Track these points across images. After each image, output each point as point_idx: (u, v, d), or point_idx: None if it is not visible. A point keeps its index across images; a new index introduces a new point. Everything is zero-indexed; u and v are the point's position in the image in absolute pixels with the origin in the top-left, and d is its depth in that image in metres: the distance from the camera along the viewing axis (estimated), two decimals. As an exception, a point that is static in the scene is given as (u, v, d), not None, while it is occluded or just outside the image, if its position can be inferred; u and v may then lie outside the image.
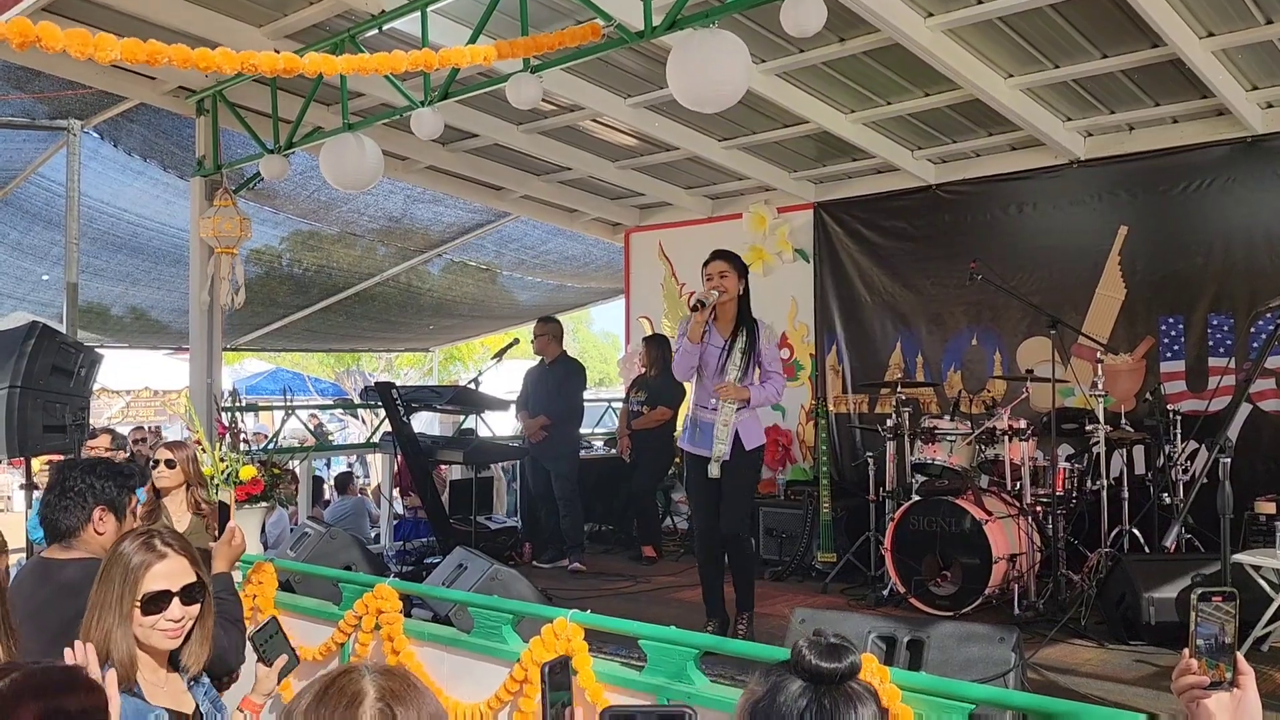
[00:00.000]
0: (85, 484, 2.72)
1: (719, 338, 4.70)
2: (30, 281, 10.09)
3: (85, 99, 7.03)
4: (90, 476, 2.73)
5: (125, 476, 2.78)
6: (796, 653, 1.42)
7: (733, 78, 4.34)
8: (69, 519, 2.71)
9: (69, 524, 2.71)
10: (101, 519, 2.72)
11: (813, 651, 1.41)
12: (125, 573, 2.15)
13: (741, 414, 4.66)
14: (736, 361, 4.63)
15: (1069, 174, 7.11)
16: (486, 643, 3.70)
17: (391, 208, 9.24)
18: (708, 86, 4.35)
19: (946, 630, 3.39)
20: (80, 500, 2.71)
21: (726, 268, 4.68)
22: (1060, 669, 4.31)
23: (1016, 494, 5.67)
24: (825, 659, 1.40)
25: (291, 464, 7.73)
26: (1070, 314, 6.75)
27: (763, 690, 1.42)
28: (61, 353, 6.05)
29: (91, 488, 2.72)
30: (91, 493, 2.72)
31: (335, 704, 1.32)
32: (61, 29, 3.31)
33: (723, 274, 4.66)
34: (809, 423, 8.28)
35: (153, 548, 2.20)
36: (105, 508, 2.73)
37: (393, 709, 1.32)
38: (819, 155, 7.79)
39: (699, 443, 4.72)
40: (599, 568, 6.87)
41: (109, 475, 2.74)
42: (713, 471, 4.62)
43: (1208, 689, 1.59)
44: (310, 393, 19.10)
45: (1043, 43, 5.61)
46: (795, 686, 1.40)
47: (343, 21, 5.56)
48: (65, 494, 2.72)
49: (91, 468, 2.78)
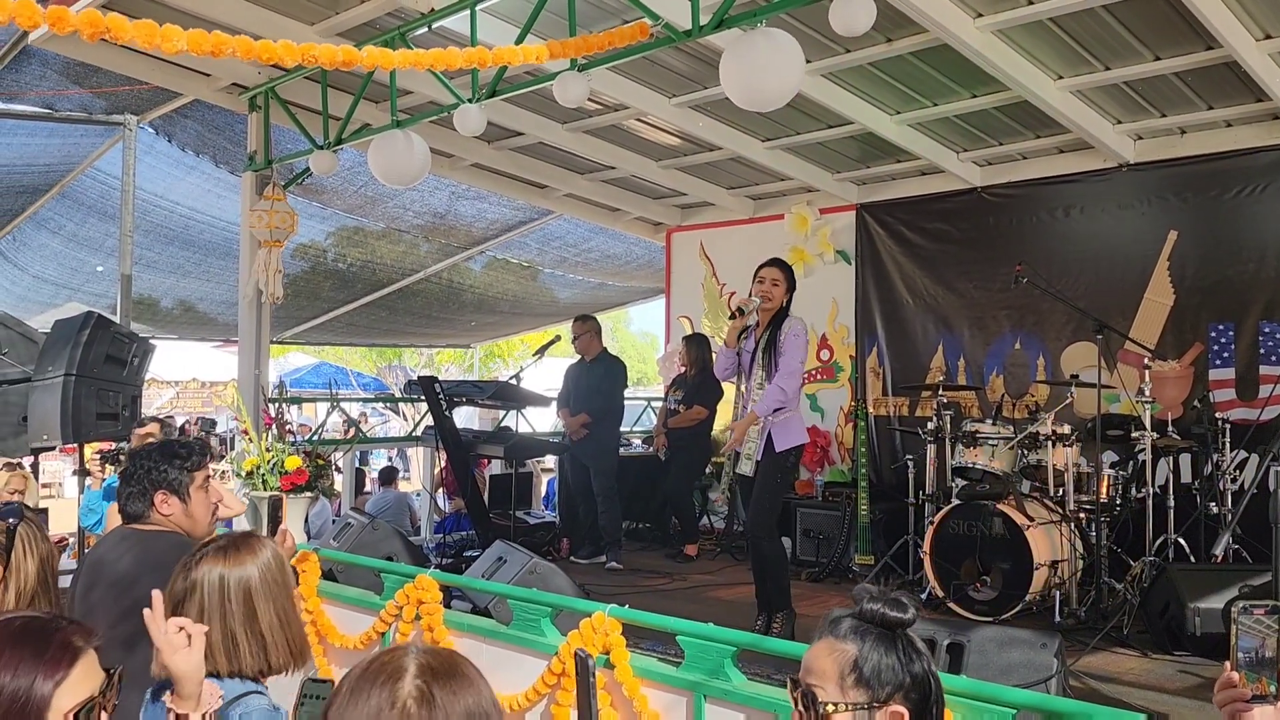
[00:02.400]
0: (144, 470, 2.79)
1: (754, 343, 4.77)
2: (85, 273, 10.32)
3: (141, 95, 7.18)
4: (147, 463, 2.80)
5: (182, 458, 2.84)
6: (861, 603, 1.71)
7: (787, 77, 4.35)
8: (134, 506, 2.80)
9: (135, 510, 2.80)
10: (165, 502, 2.79)
11: (878, 601, 1.70)
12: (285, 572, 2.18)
13: (778, 415, 4.68)
14: (761, 363, 4.68)
15: (1118, 178, 7.01)
16: (525, 635, 3.73)
17: (436, 204, 9.34)
18: (763, 86, 4.37)
19: (988, 634, 3.37)
20: (140, 487, 2.79)
21: (779, 276, 4.75)
22: (1102, 677, 4.26)
23: (1059, 500, 5.61)
24: (889, 607, 1.69)
25: (335, 456, 7.85)
26: (1117, 319, 6.66)
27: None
28: (115, 342, 6.19)
29: (149, 474, 2.79)
30: (149, 479, 2.79)
31: (376, 677, 1.33)
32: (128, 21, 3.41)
33: (775, 282, 4.73)
34: (848, 424, 8.24)
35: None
36: (166, 491, 2.79)
37: (430, 688, 1.31)
38: (862, 156, 7.76)
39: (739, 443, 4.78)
40: (635, 565, 6.90)
41: (165, 459, 2.81)
42: (743, 469, 4.69)
43: (1249, 702, 1.58)
44: (353, 387, 19.35)
45: (1093, 44, 5.54)
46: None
47: (393, 20, 5.63)
48: (128, 482, 2.80)
49: (149, 454, 2.84)
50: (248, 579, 2.06)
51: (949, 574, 5.46)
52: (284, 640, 2.08)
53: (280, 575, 2.12)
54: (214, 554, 2.09)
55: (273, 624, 2.06)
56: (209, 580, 2.04)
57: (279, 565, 2.13)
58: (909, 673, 1.66)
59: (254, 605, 2.04)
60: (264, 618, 2.05)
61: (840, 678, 1.65)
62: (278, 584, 2.10)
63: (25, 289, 10.71)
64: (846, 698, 1.64)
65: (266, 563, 2.11)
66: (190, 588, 2.05)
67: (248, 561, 2.08)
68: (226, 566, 2.06)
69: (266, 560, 2.11)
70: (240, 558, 2.08)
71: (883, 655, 1.66)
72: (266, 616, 2.06)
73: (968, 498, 5.69)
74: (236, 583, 2.05)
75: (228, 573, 2.05)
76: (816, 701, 1.65)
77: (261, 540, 2.17)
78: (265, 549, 2.13)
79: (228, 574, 2.05)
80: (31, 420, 6.06)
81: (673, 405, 7.59)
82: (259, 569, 2.08)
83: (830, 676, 1.66)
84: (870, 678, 1.64)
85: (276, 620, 2.07)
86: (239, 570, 2.06)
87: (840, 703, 1.64)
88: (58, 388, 5.84)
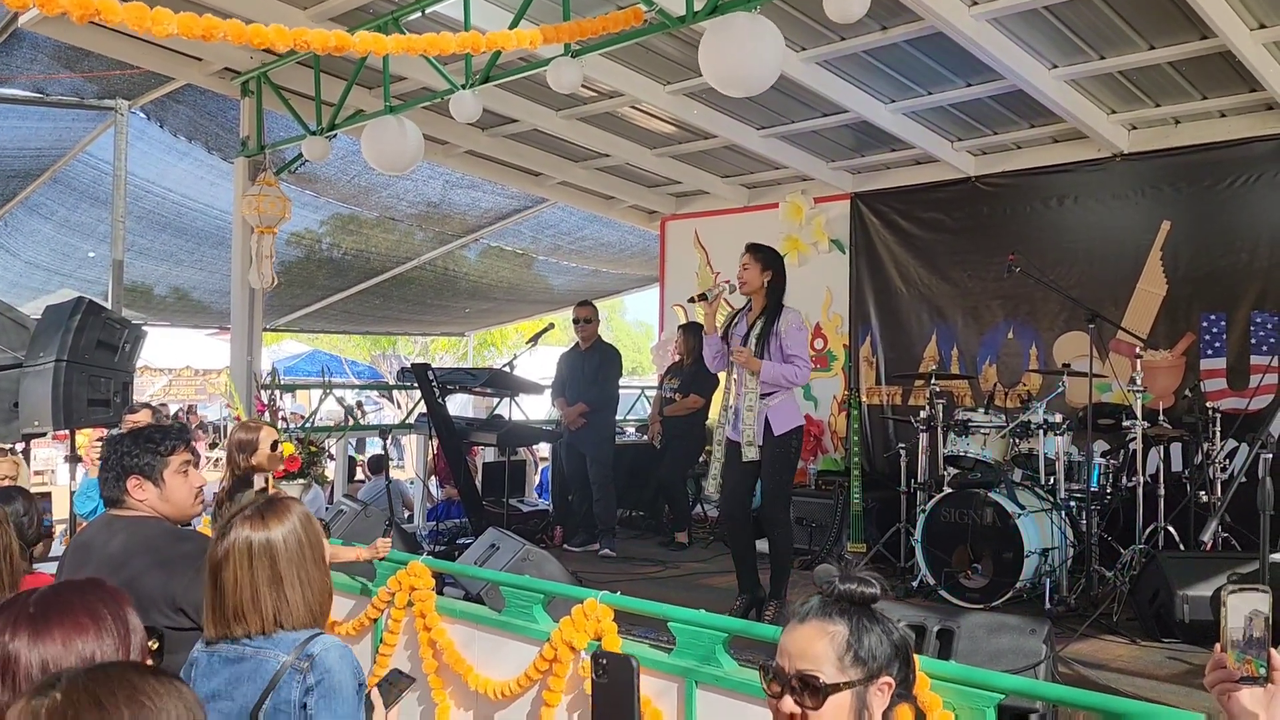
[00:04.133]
0: (116, 456, 2.81)
1: (743, 328, 4.79)
2: (77, 259, 10.29)
3: (133, 79, 7.14)
4: (120, 448, 2.82)
5: (156, 442, 2.83)
6: (823, 584, 1.75)
7: (766, 61, 4.34)
8: (110, 491, 2.82)
9: (111, 495, 2.82)
10: (138, 487, 2.79)
11: (840, 578, 1.75)
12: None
13: (770, 399, 4.70)
14: (752, 345, 4.73)
15: (1112, 167, 7.02)
16: (517, 621, 3.74)
17: (430, 193, 9.32)
18: (741, 71, 4.36)
19: (977, 620, 3.38)
20: (114, 473, 2.79)
21: (749, 259, 4.82)
22: (1091, 664, 4.29)
23: (1050, 489, 5.63)
24: (852, 582, 1.76)
25: (328, 443, 7.84)
26: (1110, 309, 6.68)
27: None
28: (107, 328, 6.16)
29: (121, 460, 2.80)
30: (121, 465, 2.79)
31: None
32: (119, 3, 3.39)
33: (745, 265, 4.81)
34: (841, 413, 8.26)
35: None
36: (138, 476, 2.79)
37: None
38: (857, 145, 7.75)
39: (733, 429, 4.81)
40: (629, 552, 6.91)
41: (138, 444, 2.81)
42: (747, 454, 4.69)
43: (1238, 683, 1.59)
44: (347, 375, 19.33)
45: (1088, 33, 5.54)
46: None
47: (386, 4, 5.61)
48: (104, 468, 2.82)
49: (121, 439, 2.85)
50: (273, 542, 2.16)
51: (940, 562, 5.48)
52: (302, 601, 2.17)
53: (306, 538, 2.21)
54: (242, 519, 2.20)
55: (294, 586, 2.16)
56: (239, 544, 2.15)
57: (305, 529, 2.22)
58: (892, 643, 1.73)
59: (278, 569, 2.14)
60: (287, 580, 2.15)
61: (839, 659, 1.69)
62: (301, 547, 2.20)
63: (17, 275, 10.67)
64: (845, 677, 1.67)
65: (292, 528, 2.20)
66: (225, 553, 2.15)
67: (274, 526, 2.18)
68: (254, 530, 2.17)
69: (292, 525, 2.21)
70: (267, 522, 2.18)
71: (869, 630, 1.72)
72: (290, 578, 2.16)
73: (960, 486, 5.70)
74: (261, 546, 2.15)
75: (254, 536, 2.16)
76: (820, 685, 1.67)
77: (289, 505, 2.27)
78: (292, 514, 2.23)
79: (254, 537, 2.16)
80: (23, 406, 6.04)
81: (668, 394, 7.59)
82: (283, 534, 2.18)
83: (827, 659, 1.69)
84: (865, 654, 1.70)
85: (298, 582, 2.17)
86: (264, 534, 2.17)
87: (843, 682, 1.67)
88: (49, 373, 5.82)
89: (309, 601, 2.18)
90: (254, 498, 3.53)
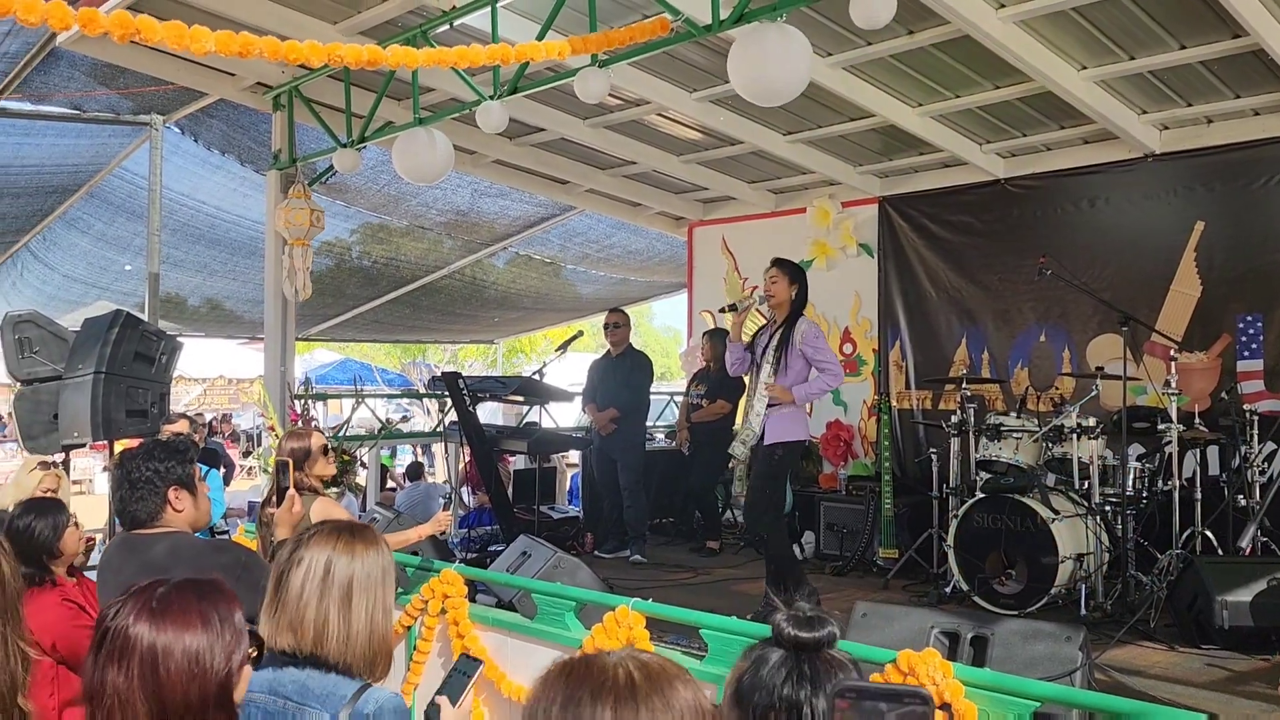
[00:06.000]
0: (151, 471, 2.80)
1: (768, 338, 4.86)
2: (114, 271, 10.46)
3: (167, 95, 7.26)
4: (153, 462, 2.81)
5: (182, 453, 2.87)
6: (775, 625, 1.47)
7: (795, 70, 4.34)
8: (145, 506, 2.79)
9: (147, 510, 2.79)
10: (178, 497, 2.82)
11: (791, 623, 1.45)
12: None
13: (773, 409, 4.82)
14: (770, 359, 4.81)
15: (1143, 168, 6.95)
16: (549, 629, 3.76)
17: (459, 201, 9.39)
18: (770, 79, 4.37)
19: (1011, 627, 3.36)
20: (151, 488, 2.79)
21: (776, 273, 4.92)
22: (1128, 670, 4.24)
23: (1084, 493, 5.57)
24: (803, 629, 1.45)
25: (360, 451, 7.91)
26: (1143, 311, 6.60)
27: (746, 664, 1.46)
28: (144, 340, 6.26)
29: (158, 472, 2.80)
30: (159, 477, 2.80)
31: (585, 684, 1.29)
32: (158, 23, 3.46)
33: (772, 279, 4.90)
34: (871, 418, 8.22)
35: None
36: (178, 486, 2.82)
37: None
38: (885, 149, 7.73)
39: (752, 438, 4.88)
40: (660, 559, 6.92)
41: (169, 456, 2.83)
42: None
43: None
44: (378, 383, 19.47)
45: (1118, 33, 5.49)
46: (776, 657, 1.44)
47: (415, 17, 5.66)
48: (135, 485, 2.79)
49: (150, 454, 2.85)
50: (352, 569, 2.04)
51: (973, 567, 5.45)
52: (366, 641, 2.02)
53: (382, 579, 2.09)
54: (328, 535, 2.08)
55: (362, 622, 2.02)
56: (317, 559, 2.03)
57: (386, 569, 2.10)
58: None
59: (351, 596, 2.01)
60: (357, 613, 2.02)
61: None
62: (377, 586, 2.07)
63: (55, 288, 10.87)
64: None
65: (376, 561, 2.08)
66: (297, 561, 2.04)
67: (359, 553, 2.06)
68: (337, 551, 2.05)
69: (376, 559, 2.08)
70: (353, 546, 2.06)
71: None
72: (359, 612, 2.02)
73: (993, 491, 5.66)
74: (343, 567, 2.03)
75: (336, 557, 2.04)
76: None
77: (378, 537, 2.15)
78: (381, 549, 2.11)
79: (335, 558, 2.04)
80: (62, 418, 6.15)
81: (695, 400, 7.60)
82: (365, 564, 2.06)
83: None
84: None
85: (365, 619, 2.03)
86: (348, 558, 2.04)
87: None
88: (87, 385, 5.92)
89: (370, 640, 2.02)
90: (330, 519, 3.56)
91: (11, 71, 6.47)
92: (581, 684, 1.29)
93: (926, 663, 2.73)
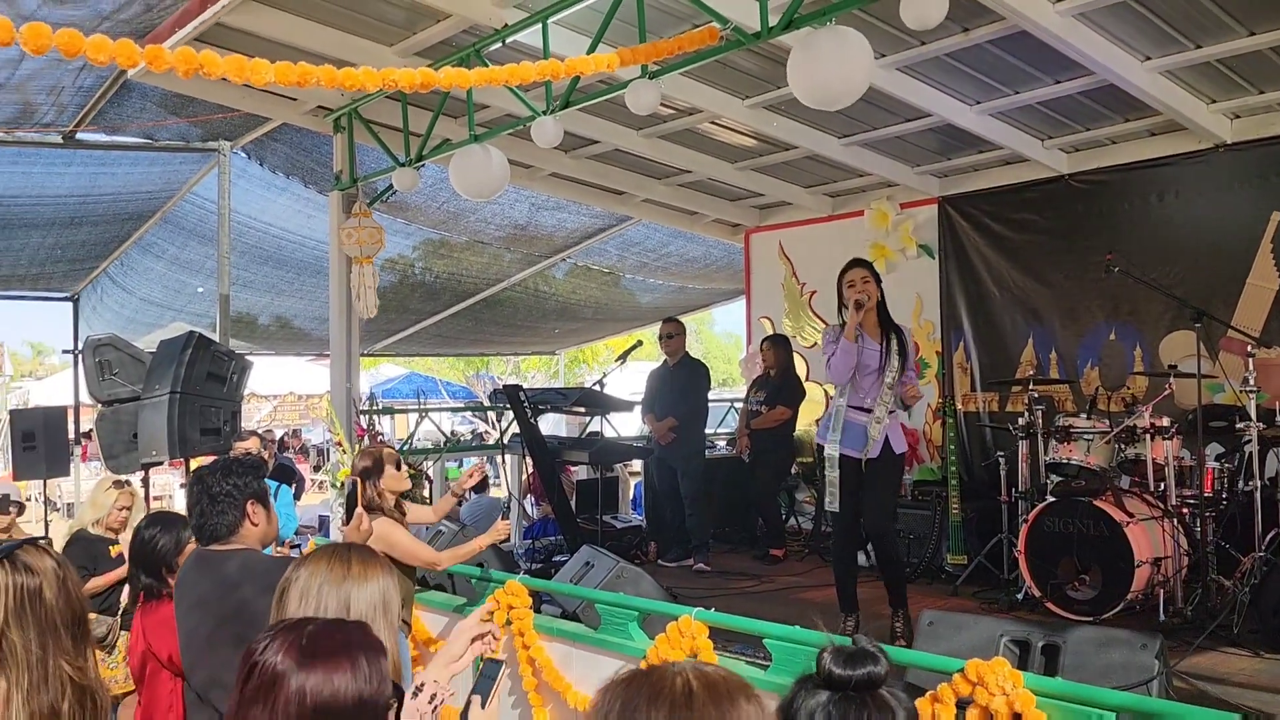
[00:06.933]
0: (231, 485, 2.88)
1: (871, 341, 4.78)
2: (187, 293, 10.79)
3: (233, 121, 7.49)
4: (231, 477, 2.89)
5: (256, 468, 2.96)
6: (819, 659, 1.38)
7: (856, 74, 4.30)
8: (225, 520, 2.87)
9: (227, 524, 2.87)
10: (254, 512, 2.89)
11: (833, 658, 1.36)
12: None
13: (893, 417, 4.77)
14: (895, 365, 4.72)
15: (1214, 159, 6.74)
16: (613, 639, 3.78)
17: (517, 216, 9.50)
18: (831, 84, 4.32)
19: (1084, 635, 3.28)
20: (231, 501, 2.87)
21: (868, 274, 4.80)
22: (1210, 678, 4.10)
23: (1160, 495, 5.41)
24: (844, 666, 1.35)
25: (425, 465, 8.03)
26: (1218, 306, 6.40)
27: (789, 697, 1.39)
28: (216, 360, 6.47)
29: (236, 487, 2.88)
30: (238, 491, 2.88)
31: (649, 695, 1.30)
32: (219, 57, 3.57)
33: (865, 280, 4.77)
34: (936, 421, 8.09)
35: None
36: (254, 500, 2.89)
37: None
38: (942, 148, 7.62)
39: (848, 444, 4.74)
40: (723, 567, 6.90)
41: (245, 471, 2.92)
42: (870, 453, 4.73)
43: None
44: (442, 395, 19.75)
45: (1182, 22, 5.35)
46: (821, 697, 1.36)
47: (468, 36, 5.75)
48: (215, 500, 2.86)
49: (227, 469, 2.93)
50: (348, 590, 2.06)
51: (1046, 573, 5.32)
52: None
53: (384, 604, 2.10)
54: (328, 557, 2.11)
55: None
56: (313, 578, 2.06)
57: (388, 596, 2.11)
58: None
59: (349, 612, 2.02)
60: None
61: None
62: (377, 609, 2.08)
63: (133, 311, 11.25)
64: None
65: (379, 585, 2.10)
66: (294, 581, 2.07)
67: (356, 574, 2.08)
68: (331, 568, 2.07)
69: (379, 583, 2.10)
70: (350, 567, 2.09)
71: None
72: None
73: (1064, 494, 5.53)
74: (343, 589, 2.05)
75: (331, 576, 2.07)
76: None
77: (379, 561, 2.17)
78: (380, 574, 2.12)
79: (331, 578, 2.06)
80: (141, 437, 6.38)
81: (755, 406, 7.57)
82: (368, 591, 2.08)
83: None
84: None
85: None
86: (344, 577, 2.07)
87: None
88: (164, 405, 6.13)
89: None
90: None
91: (87, 105, 6.73)
92: (640, 691, 1.31)
93: (995, 672, 2.68)
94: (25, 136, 7.21)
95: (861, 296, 4.68)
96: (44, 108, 6.73)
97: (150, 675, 3.18)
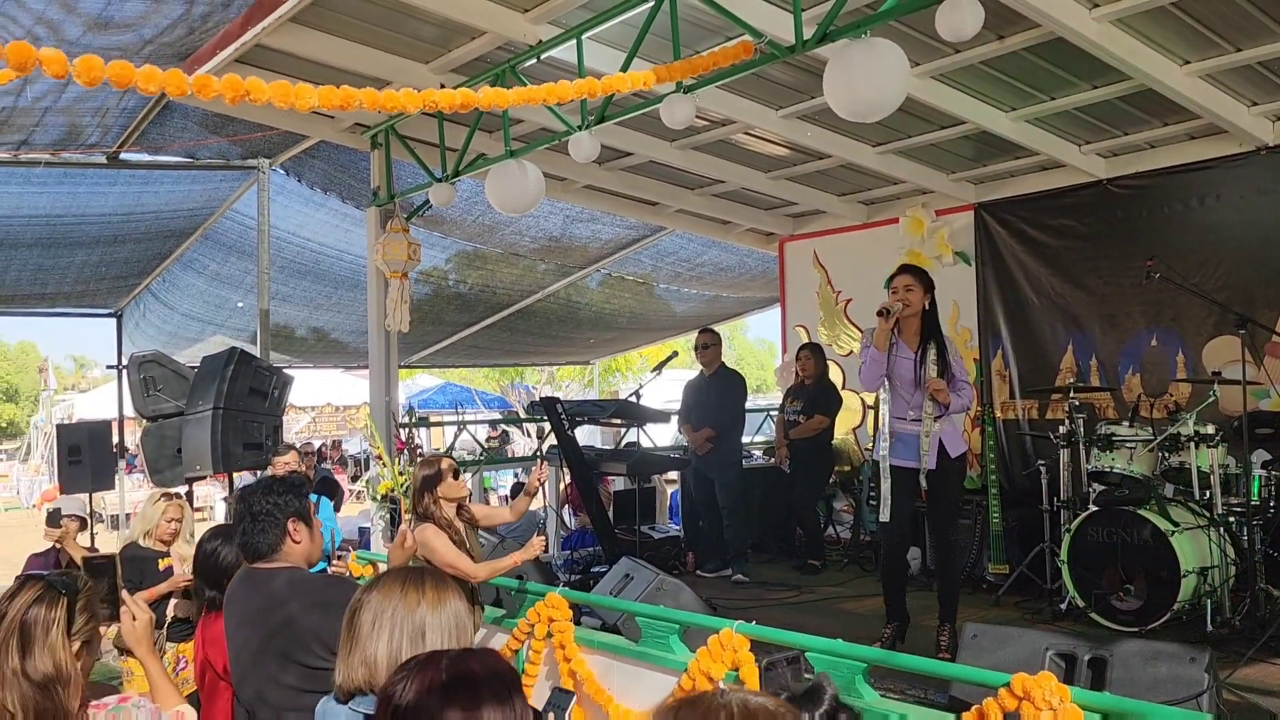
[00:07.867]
0: (271, 504, 2.92)
1: (907, 350, 4.75)
2: (227, 309, 10.95)
3: (272, 139, 7.60)
4: (272, 496, 2.94)
5: (298, 487, 3.00)
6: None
7: (891, 86, 4.28)
8: (267, 539, 2.91)
9: (269, 543, 2.92)
10: (295, 530, 2.93)
11: None
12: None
13: (941, 423, 4.71)
14: (932, 373, 4.68)
15: (1256, 161, 6.65)
16: (654, 652, 3.78)
17: (551, 228, 9.55)
18: (867, 97, 4.31)
19: (1131, 648, 3.25)
20: (272, 520, 2.92)
21: (912, 281, 4.76)
22: (1261, 690, 4.04)
23: (1206, 503, 5.34)
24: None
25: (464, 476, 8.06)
26: (1262, 311, 6.31)
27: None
28: (257, 376, 6.56)
29: (277, 505, 2.93)
30: (279, 510, 2.93)
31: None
32: (265, 81, 3.64)
33: (908, 287, 4.73)
34: (975, 430, 8.02)
35: None
36: (295, 519, 2.93)
37: None
38: (978, 155, 7.57)
39: (900, 454, 4.73)
40: (761, 577, 6.88)
41: (287, 490, 2.97)
42: (925, 464, 4.69)
43: None
44: (478, 406, 19.86)
45: (1221, 25, 5.29)
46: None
47: (503, 53, 5.80)
48: (257, 519, 2.92)
49: (269, 488, 2.98)
50: (422, 612, 2.03)
51: (1090, 583, 5.27)
52: None
53: (455, 622, 2.07)
54: (402, 580, 2.08)
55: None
56: (389, 603, 2.03)
57: (460, 625, 2.08)
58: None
59: (424, 633, 2.01)
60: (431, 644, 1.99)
61: None
62: (450, 628, 2.05)
63: (176, 326, 11.43)
64: None
65: (454, 613, 2.07)
66: (366, 604, 2.05)
67: (433, 599, 2.05)
68: (405, 592, 2.05)
69: (453, 611, 2.07)
70: (424, 592, 2.05)
71: None
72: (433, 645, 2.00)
73: (1107, 503, 5.47)
74: (410, 612, 2.02)
75: (404, 600, 2.03)
76: None
77: (453, 587, 2.14)
78: (452, 599, 2.09)
79: (403, 601, 2.03)
80: (185, 452, 6.48)
81: (792, 416, 7.55)
82: (441, 613, 2.05)
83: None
84: None
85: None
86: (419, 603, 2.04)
87: None
88: (207, 420, 6.23)
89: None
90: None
91: (130, 125, 6.87)
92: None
93: (1042, 686, 2.66)
94: (71, 158, 7.37)
95: (896, 304, 4.65)
96: (89, 129, 6.87)
97: (209, 686, 3.24)
